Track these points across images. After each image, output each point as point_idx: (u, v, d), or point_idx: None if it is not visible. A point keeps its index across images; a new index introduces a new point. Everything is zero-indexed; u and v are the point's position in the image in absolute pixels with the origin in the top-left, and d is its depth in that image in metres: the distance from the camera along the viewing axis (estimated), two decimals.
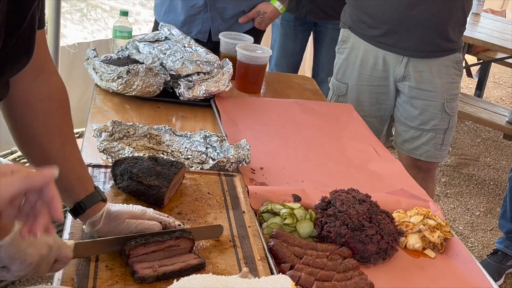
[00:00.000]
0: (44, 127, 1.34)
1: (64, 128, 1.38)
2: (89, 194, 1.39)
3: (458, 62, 2.75)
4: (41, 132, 1.34)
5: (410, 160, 2.83)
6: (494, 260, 3.37)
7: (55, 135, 1.35)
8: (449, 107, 2.73)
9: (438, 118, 2.73)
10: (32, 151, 1.37)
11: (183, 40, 2.49)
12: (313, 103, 2.54)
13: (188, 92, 2.31)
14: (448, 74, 2.71)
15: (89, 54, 2.43)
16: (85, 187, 1.39)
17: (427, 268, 1.60)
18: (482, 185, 4.52)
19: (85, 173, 1.42)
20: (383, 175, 2.03)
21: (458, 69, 2.75)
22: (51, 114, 1.35)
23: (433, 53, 2.67)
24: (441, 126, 2.75)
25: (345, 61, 2.85)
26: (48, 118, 1.35)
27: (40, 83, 1.34)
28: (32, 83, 1.33)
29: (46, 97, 1.35)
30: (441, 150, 2.80)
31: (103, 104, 2.28)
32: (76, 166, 1.39)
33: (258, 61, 2.55)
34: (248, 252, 1.44)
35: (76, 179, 1.37)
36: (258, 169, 1.92)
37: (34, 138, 1.34)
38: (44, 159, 1.35)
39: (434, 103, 2.71)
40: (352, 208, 1.62)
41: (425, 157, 2.79)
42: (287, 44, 3.75)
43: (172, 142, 1.98)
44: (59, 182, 1.37)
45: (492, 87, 6.74)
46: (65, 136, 1.37)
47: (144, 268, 1.30)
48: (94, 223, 1.37)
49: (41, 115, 1.34)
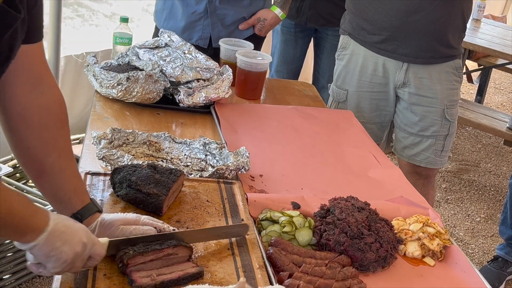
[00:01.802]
0: (39, 140, 1.35)
1: (60, 141, 1.38)
2: (85, 205, 1.40)
3: (458, 68, 2.74)
4: (37, 144, 1.35)
5: (410, 167, 2.82)
6: (495, 266, 3.37)
7: (50, 148, 1.36)
8: (449, 113, 2.72)
9: (438, 125, 2.73)
10: (28, 162, 1.37)
11: (183, 46, 2.49)
12: (312, 110, 2.54)
13: (188, 99, 2.31)
14: (448, 81, 2.71)
15: (89, 61, 2.43)
16: (81, 198, 1.40)
17: (426, 276, 1.59)
18: (483, 191, 4.51)
19: (81, 185, 1.43)
20: (382, 182, 2.02)
21: (458, 76, 2.75)
22: (47, 127, 1.36)
23: (433, 59, 2.67)
24: (441, 133, 2.75)
25: (345, 68, 2.84)
26: (43, 131, 1.35)
27: (38, 96, 1.34)
28: (28, 95, 1.32)
29: (43, 110, 1.35)
30: (441, 156, 2.79)
31: (103, 110, 2.28)
32: (72, 178, 1.40)
33: (258, 67, 2.56)
34: (247, 261, 1.44)
35: (72, 191, 1.39)
36: (257, 176, 1.92)
37: (29, 150, 1.35)
38: (40, 171, 1.36)
39: (434, 109, 2.71)
40: (351, 216, 1.61)
41: (425, 163, 2.79)
42: (287, 50, 3.75)
43: (171, 149, 1.98)
44: (55, 194, 1.39)
45: (492, 93, 6.74)
46: (61, 149, 1.38)
47: (142, 277, 1.30)
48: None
49: (36, 127, 1.34)
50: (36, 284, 2.87)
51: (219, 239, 1.48)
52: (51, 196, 1.41)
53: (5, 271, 2.74)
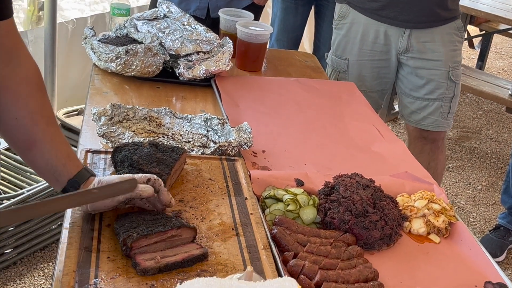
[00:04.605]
0: (26, 110, 1.35)
1: (45, 109, 1.39)
2: (80, 170, 1.40)
3: (460, 28, 2.74)
4: (24, 114, 1.35)
5: (417, 132, 2.84)
6: (496, 235, 3.37)
7: (37, 117, 1.36)
8: (454, 75, 2.73)
9: (444, 87, 2.73)
10: (17, 135, 1.37)
11: (182, 18, 2.45)
12: (315, 82, 2.50)
13: (188, 72, 2.28)
14: (451, 42, 2.71)
15: (86, 33, 2.39)
16: (75, 163, 1.41)
17: (432, 253, 1.58)
18: (484, 159, 4.50)
19: (72, 152, 1.43)
20: (386, 157, 2.00)
21: (460, 36, 2.75)
22: (31, 96, 1.37)
23: (435, 23, 2.67)
24: (447, 94, 2.75)
25: (345, 37, 2.81)
26: (29, 100, 1.36)
27: (15, 67, 1.34)
28: (5, 68, 1.33)
29: (23, 80, 1.36)
30: (448, 118, 2.81)
31: (102, 84, 2.24)
32: (63, 144, 1.40)
33: (258, 39, 2.51)
34: (251, 241, 1.42)
35: (66, 157, 1.39)
36: (260, 152, 1.90)
37: (17, 121, 1.35)
38: (30, 142, 1.36)
39: (440, 71, 2.71)
40: (356, 193, 1.59)
41: (433, 127, 2.80)
42: (288, 18, 3.70)
43: (172, 125, 1.95)
44: (48, 163, 1.38)
45: (494, 58, 6.68)
46: (47, 117, 1.39)
47: (146, 260, 1.28)
48: None
49: (22, 97, 1.35)
50: (38, 258, 2.87)
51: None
52: (44, 167, 1.40)
53: (7, 246, 2.74)
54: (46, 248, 2.92)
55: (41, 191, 2.82)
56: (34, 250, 2.87)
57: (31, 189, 2.82)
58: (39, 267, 2.82)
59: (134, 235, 1.29)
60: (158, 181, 1.43)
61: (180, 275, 1.29)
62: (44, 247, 2.92)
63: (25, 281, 2.74)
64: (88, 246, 1.32)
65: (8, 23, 1.32)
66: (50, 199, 1.24)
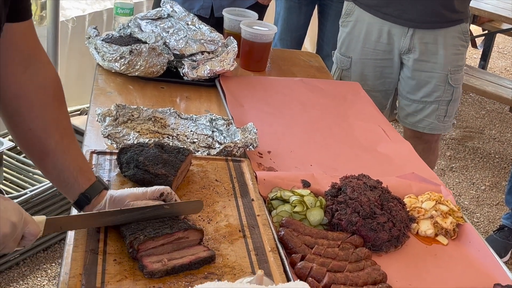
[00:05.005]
0: (41, 120, 1.31)
1: (61, 120, 1.35)
2: (92, 184, 1.38)
3: (465, 32, 2.70)
4: (38, 125, 1.31)
5: (412, 131, 2.84)
6: (501, 236, 3.35)
7: (52, 128, 1.32)
8: (453, 79, 2.69)
9: (441, 90, 2.70)
10: (29, 145, 1.34)
11: (186, 17, 2.43)
12: (319, 82, 2.49)
13: (192, 72, 2.26)
14: (454, 45, 2.68)
15: (90, 33, 2.37)
16: (87, 177, 1.38)
17: (440, 255, 1.56)
18: (487, 159, 4.48)
19: (86, 164, 1.41)
20: (392, 158, 1.99)
21: (465, 40, 2.71)
22: (46, 106, 1.32)
23: (439, 24, 2.64)
24: (444, 98, 2.72)
25: (349, 35, 2.80)
26: (44, 111, 1.31)
27: (32, 75, 1.30)
28: (22, 75, 1.29)
29: (40, 89, 1.31)
30: (444, 121, 2.78)
31: (106, 84, 2.23)
32: (77, 157, 1.37)
33: (263, 38, 2.50)
34: (259, 243, 1.41)
35: (78, 171, 1.36)
36: (265, 153, 1.88)
37: (30, 132, 1.31)
38: (43, 153, 1.33)
39: (437, 74, 2.69)
40: (363, 195, 1.58)
41: (428, 129, 2.78)
42: (291, 18, 3.68)
43: (177, 126, 1.94)
44: (60, 175, 1.35)
45: (496, 57, 6.66)
46: (63, 129, 1.34)
47: (153, 262, 1.27)
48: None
49: (36, 107, 1.31)
50: (41, 259, 2.86)
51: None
52: (56, 178, 1.37)
53: None
54: (48, 248, 2.91)
55: (44, 191, 2.81)
56: (37, 251, 2.86)
57: (34, 189, 2.81)
58: (42, 268, 2.81)
59: (141, 237, 1.28)
60: (171, 194, 1.43)
61: (187, 277, 1.27)
62: (46, 248, 2.91)
63: (28, 282, 2.73)
64: (94, 248, 1.31)
65: (25, 25, 1.27)
66: (122, 210, 1.33)
